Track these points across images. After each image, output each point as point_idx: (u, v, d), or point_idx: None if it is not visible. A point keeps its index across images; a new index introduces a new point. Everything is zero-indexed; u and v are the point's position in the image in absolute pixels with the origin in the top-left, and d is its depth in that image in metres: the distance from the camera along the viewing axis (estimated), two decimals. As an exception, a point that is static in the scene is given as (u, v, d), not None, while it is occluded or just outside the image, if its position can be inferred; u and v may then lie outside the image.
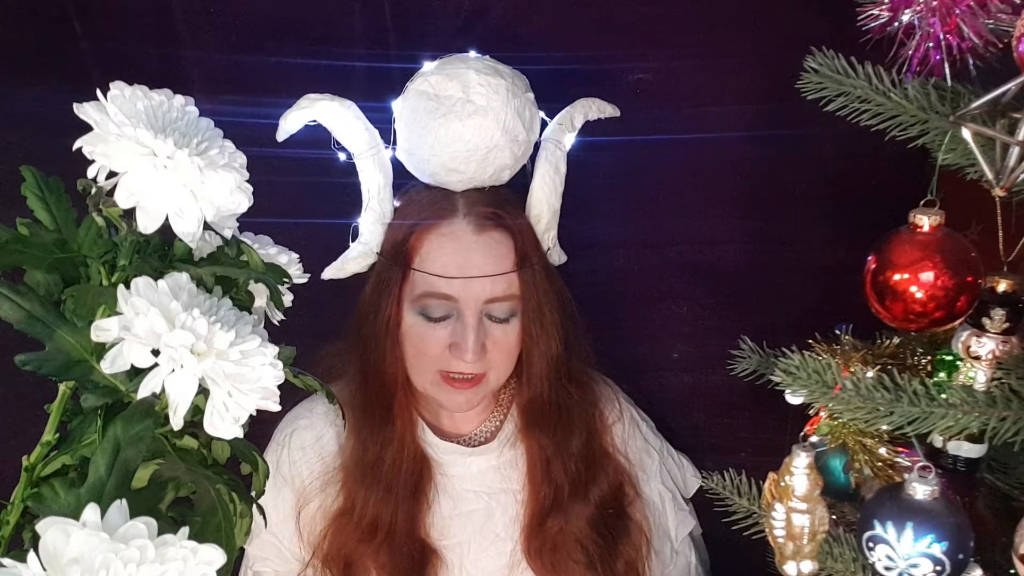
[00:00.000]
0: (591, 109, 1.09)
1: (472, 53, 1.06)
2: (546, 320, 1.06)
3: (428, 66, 1.05)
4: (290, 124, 1.01)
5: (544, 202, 1.06)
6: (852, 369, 0.89)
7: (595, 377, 1.19)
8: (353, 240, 1.07)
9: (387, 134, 1.06)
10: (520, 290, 1.04)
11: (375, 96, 1.08)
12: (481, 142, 1.01)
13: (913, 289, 0.82)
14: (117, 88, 0.56)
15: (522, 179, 1.07)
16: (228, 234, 0.62)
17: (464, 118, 1.00)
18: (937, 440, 0.89)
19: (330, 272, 1.07)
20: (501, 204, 1.05)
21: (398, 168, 1.07)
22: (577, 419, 1.13)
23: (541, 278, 1.06)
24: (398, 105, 1.06)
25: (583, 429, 1.13)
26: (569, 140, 1.08)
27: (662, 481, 1.21)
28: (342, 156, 1.04)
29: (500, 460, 1.14)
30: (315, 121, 1.01)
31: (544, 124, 1.09)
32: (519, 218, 1.06)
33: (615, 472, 1.16)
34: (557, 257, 1.12)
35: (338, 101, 1.02)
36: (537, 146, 1.07)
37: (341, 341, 1.13)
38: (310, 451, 1.13)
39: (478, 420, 1.16)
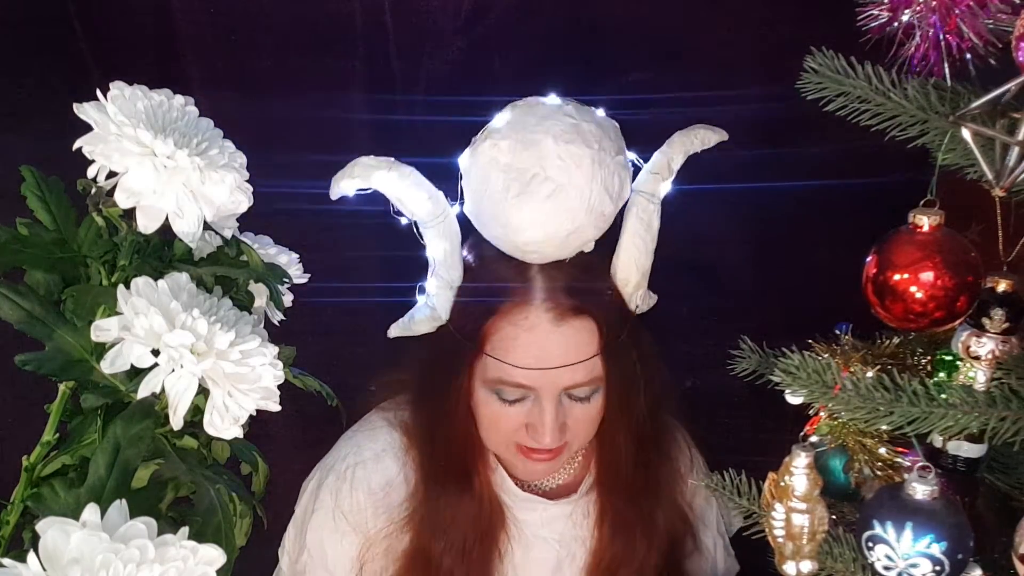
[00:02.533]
0: (693, 143, 0.96)
1: (552, 98, 0.93)
2: (632, 395, 1.00)
3: (498, 120, 0.92)
4: (344, 189, 0.92)
5: (632, 264, 0.96)
6: (852, 369, 0.89)
7: (671, 424, 1.14)
8: (420, 294, 0.99)
9: (453, 189, 0.97)
10: (603, 372, 0.97)
11: (378, 99, 1.07)
12: (561, 226, 0.89)
13: (913, 289, 0.82)
14: (117, 88, 0.56)
15: (609, 234, 0.97)
16: (228, 234, 0.62)
17: (541, 200, 0.87)
18: (937, 440, 0.89)
19: (396, 331, 1.00)
20: (584, 283, 0.95)
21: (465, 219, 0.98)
22: (661, 485, 1.08)
23: (627, 351, 0.99)
24: (465, 162, 0.94)
25: (657, 484, 1.08)
26: (664, 189, 0.96)
27: (717, 528, 1.17)
28: (403, 220, 0.95)
29: (575, 508, 1.09)
30: (370, 189, 0.92)
31: (636, 169, 0.96)
32: (603, 295, 0.97)
33: (680, 522, 1.11)
34: (645, 305, 1.04)
35: (397, 171, 0.91)
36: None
37: (396, 375, 1.09)
38: (379, 497, 1.06)
39: (556, 470, 1.09)
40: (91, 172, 0.56)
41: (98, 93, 0.56)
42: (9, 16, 1.16)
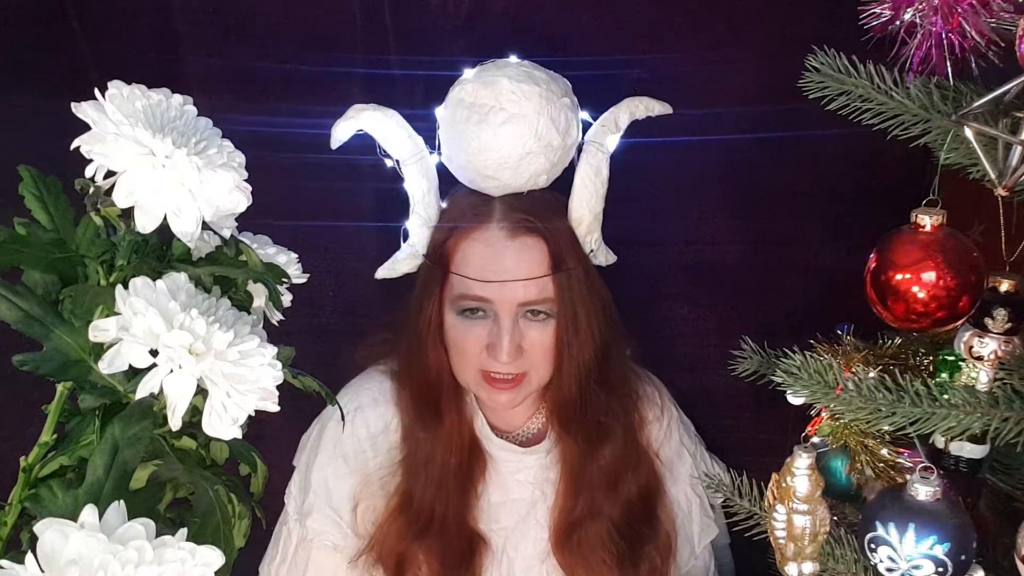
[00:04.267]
0: (638, 109, 1.09)
1: (512, 58, 1.07)
2: (580, 326, 1.08)
3: (468, 73, 1.07)
4: (340, 133, 1.04)
5: (584, 206, 1.07)
6: (854, 369, 0.89)
7: (640, 375, 1.21)
8: (404, 241, 1.10)
9: (432, 140, 1.09)
10: (555, 294, 1.06)
11: (378, 100, 1.08)
12: (513, 150, 1.02)
13: (915, 289, 0.81)
14: (115, 87, 0.56)
15: (567, 182, 1.08)
16: (227, 234, 0.62)
17: (496, 126, 1.02)
18: (939, 441, 0.88)
19: (382, 272, 1.11)
20: (537, 209, 1.06)
21: (445, 173, 1.09)
22: (609, 426, 1.13)
23: (578, 282, 1.07)
24: (440, 112, 1.08)
25: (616, 435, 1.14)
26: (612, 142, 1.08)
27: (691, 486, 1.21)
28: (389, 163, 1.07)
29: (546, 456, 1.16)
30: (363, 130, 1.04)
31: (588, 126, 1.09)
32: (555, 222, 1.06)
33: (647, 474, 1.17)
34: (603, 258, 1.13)
35: (381, 111, 1.04)
36: (581, 149, 1.08)
37: (385, 332, 1.17)
38: (377, 440, 1.15)
39: (525, 416, 1.18)
40: (89, 171, 0.55)
41: (96, 92, 0.55)
42: (8, 16, 1.16)
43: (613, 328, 1.13)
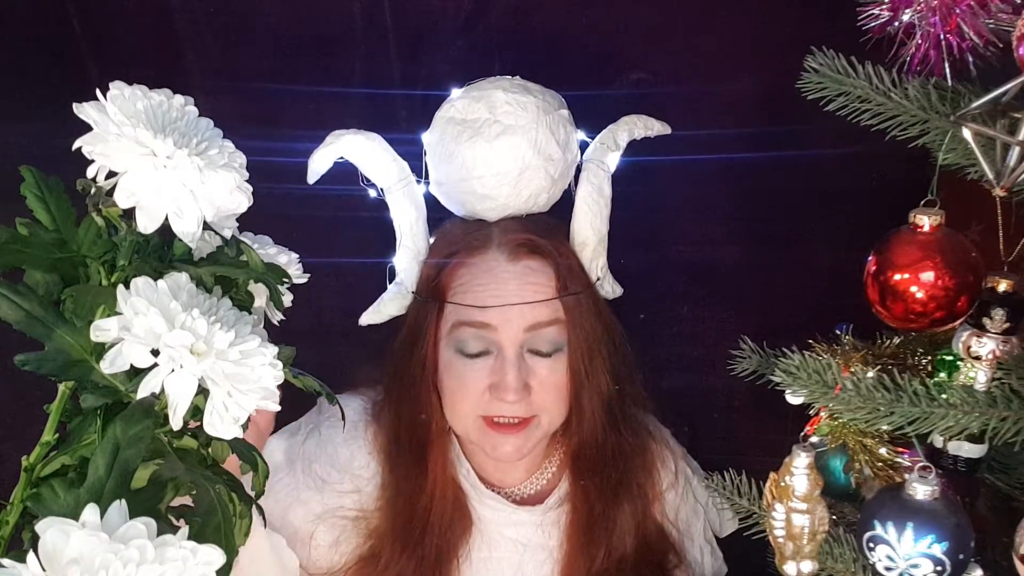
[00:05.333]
0: (636, 127, 1.03)
1: (504, 77, 1.02)
2: (595, 355, 0.98)
3: (455, 92, 1.01)
4: (318, 164, 0.96)
5: (588, 227, 1.00)
6: (852, 369, 0.89)
7: (650, 430, 1.10)
8: (390, 281, 1.02)
9: (419, 169, 1.02)
10: (565, 317, 0.96)
11: (372, 82, 1.07)
12: (512, 163, 0.96)
13: (913, 289, 0.82)
14: (117, 88, 0.56)
15: (566, 208, 1.02)
16: (228, 234, 0.62)
17: (492, 139, 0.95)
18: (937, 440, 0.89)
19: (367, 317, 1.02)
20: (539, 229, 0.98)
21: (433, 204, 1.03)
22: (633, 473, 1.03)
23: (588, 310, 0.98)
24: (427, 137, 1.01)
25: (636, 497, 1.04)
26: (613, 160, 1.02)
27: (704, 537, 1.15)
28: (372, 192, 1.00)
29: (544, 517, 1.05)
30: (343, 158, 0.97)
31: (585, 145, 1.04)
32: (558, 244, 0.99)
33: (660, 542, 1.08)
34: (610, 289, 1.05)
35: (363, 135, 0.97)
36: (579, 169, 1.02)
37: (377, 370, 1.07)
38: (343, 464, 1.03)
39: (527, 470, 1.06)
40: (91, 172, 0.56)
41: (98, 93, 0.55)
42: (9, 16, 1.16)
43: (626, 360, 1.04)
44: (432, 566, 1.00)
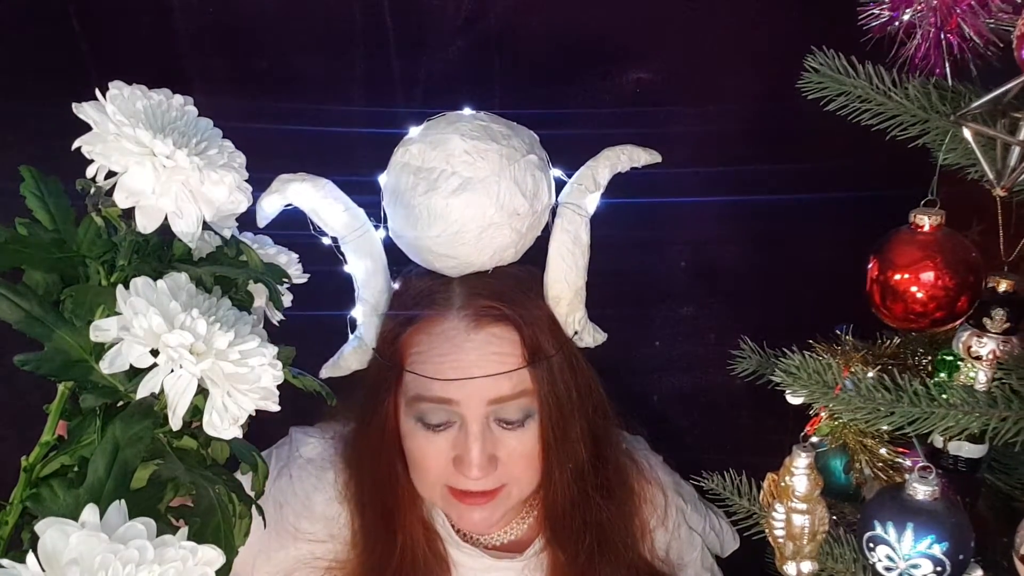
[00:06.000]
0: (620, 161, 0.93)
1: (466, 111, 0.92)
2: (569, 421, 0.91)
3: (413, 132, 0.91)
4: (268, 209, 0.87)
5: (562, 280, 0.91)
6: (853, 369, 0.89)
7: (638, 466, 1.05)
8: (351, 332, 0.95)
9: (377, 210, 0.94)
10: (533, 387, 0.89)
11: (379, 100, 1.06)
12: (471, 221, 0.86)
13: (914, 289, 0.82)
14: (116, 88, 0.56)
15: (543, 252, 0.93)
16: (227, 234, 0.62)
17: (448, 195, 0.86)
18: (938, 440, 0.89)
19: (327, 370, 0.95)
20: (506, 291, 0.90)
21: (395, 249, 0.95)
22: (613, 539, 0.98)
23: (560, 373, 0.91)
24: (383, 180, 0.93)
25: (620, 552, 0.98)
26: (592, 203, 0.92)
27: (703, 565, 1.09)
28: (326, 240, 0.92)
29: (526, 564, 0.99)
30: (291, 205, 0.89)
31: (563, 184, 0.94)
32: (527, 305, 0.91)
33: None
34: (590, 338, 0.97)
35: (311, 181, 0.88)
36: (555, 211, 0.92)
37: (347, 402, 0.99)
38: (311, 504, 0.98)
39: (503, 523, 1.00)
40: (90, 172, 0.56)
41: (97, 93, 0.55)
42: (9, 16, 1.16)
43: (607, 421, 0.98)
44: None
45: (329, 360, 0.95)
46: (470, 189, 0.86)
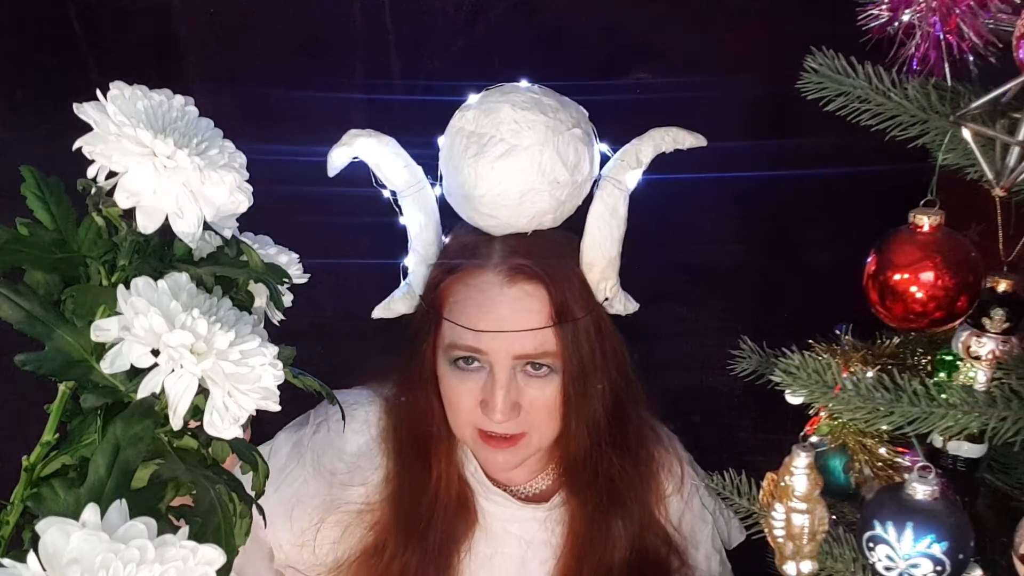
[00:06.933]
0: (664, 141, 0.98)
1: (523, 83, 0.99)
2: (589, 383, 0.98)
3: (472, 99, 0.99)
4: (337, 160, 0.96)
5: (596, 249, 0.97)
6: (852, 369, 0.89)
7: (659, 437, 1.12)
8: (403, 278, 1.03)
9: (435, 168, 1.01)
10: (558, 347, 0.96)
11: (372, 82, 1.07)
12: (513, 186, 0.93)
13: (913, 289, 0.82)
14: (117, 88, 0.56)
15: (583, 220, 0.99)
16: (228, 234, 0.62)
17: (494, 159, 0.93)
18: (937, 440, 0.89)
19: (379, 312, 1.03)
20: (542, 251, 0.97)
21: (447, 207, 1.02)
22: (625, 495, 1.04)
23: (587, 335, 0.97)
24: (441, 141, 1.00)
25: (631, 508, 1.05)
26: (633, 178, 0.98)
27: (713, 545, 1.14)
28: (385, 193, 0.99)
29: (548, 514, 1.07)
30: (358, 158, 0.97)
31: (607, 159, 1.00)
32: (561, 267, 0.97)
33: (663, 546, 1.09)
34: (621, 306, 1.03)
35: (377, 137, 0.96)
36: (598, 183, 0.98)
37: (386, 366, 1.09)
38: (351, 458, 1.06)
39: (529, 474, 1.08)
40: (91, 172, 0.56)
41: (98, 93, 0.56)
42: (9, 16, 1.16)
43: (629, 385, 1.04)
44: (436, 560, 1.03)
45: (380, 303, 1.03)
46: (514, 155, 0.93)
